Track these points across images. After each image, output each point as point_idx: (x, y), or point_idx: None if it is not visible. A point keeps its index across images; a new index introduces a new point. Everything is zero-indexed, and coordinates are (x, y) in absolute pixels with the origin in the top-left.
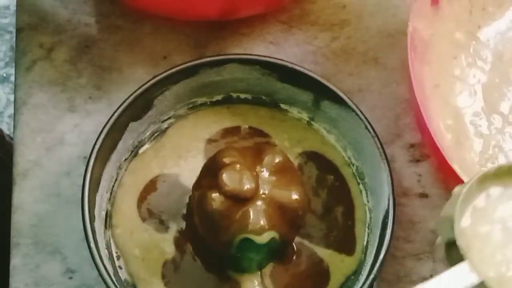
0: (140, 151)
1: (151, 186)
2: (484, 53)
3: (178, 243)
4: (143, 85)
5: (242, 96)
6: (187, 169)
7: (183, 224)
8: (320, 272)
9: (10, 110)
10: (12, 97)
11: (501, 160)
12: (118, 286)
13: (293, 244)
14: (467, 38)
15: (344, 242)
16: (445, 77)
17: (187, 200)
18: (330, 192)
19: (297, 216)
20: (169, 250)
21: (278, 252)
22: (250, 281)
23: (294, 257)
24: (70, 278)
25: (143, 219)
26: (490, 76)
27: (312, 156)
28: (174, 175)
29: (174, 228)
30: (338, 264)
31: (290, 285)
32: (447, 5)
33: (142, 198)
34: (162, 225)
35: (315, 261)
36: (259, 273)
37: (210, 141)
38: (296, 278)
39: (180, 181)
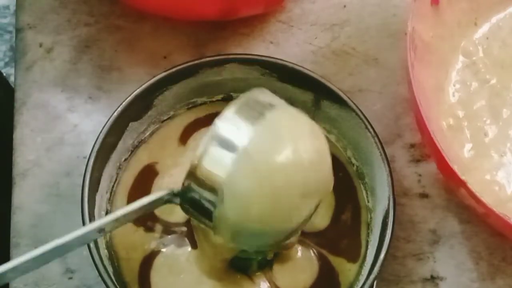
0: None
1: (141, 183)
2: (485, 56)
3: (170, 243)
4: (143, 85)
5: None
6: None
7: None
8: (329, 279)
9: None
10: None
11: (502, 161)
12: (118, 286)
13: (298, 245)
14: (468, 41)
15: (352, 249)
16: (445, 78)
17: None
18: (339, 192)
19: None
20: (162, 250)
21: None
22: (251, 282)
23: (298, 258)
24: (70, 278)
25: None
26: (491, 78)
27: None
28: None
29: (166, 227)
30: (346, 273)
31: None
32: (447, 6)
33: (130, 196)
34: (152, 225)
35: (325, 268)
36: (260, 274)
37: None
38: (302, 282)
39: None
